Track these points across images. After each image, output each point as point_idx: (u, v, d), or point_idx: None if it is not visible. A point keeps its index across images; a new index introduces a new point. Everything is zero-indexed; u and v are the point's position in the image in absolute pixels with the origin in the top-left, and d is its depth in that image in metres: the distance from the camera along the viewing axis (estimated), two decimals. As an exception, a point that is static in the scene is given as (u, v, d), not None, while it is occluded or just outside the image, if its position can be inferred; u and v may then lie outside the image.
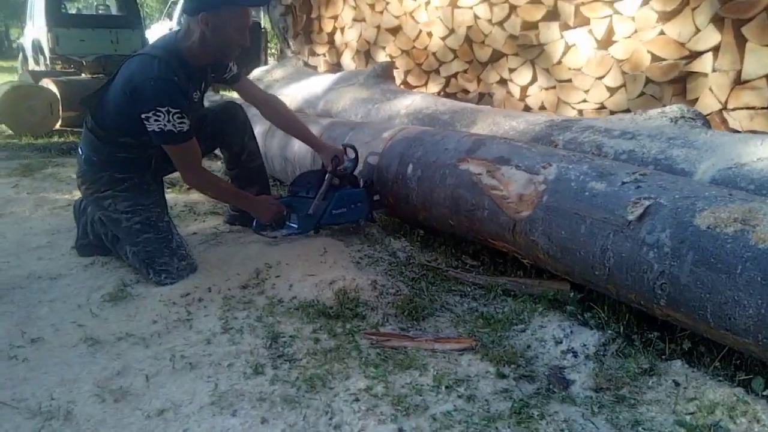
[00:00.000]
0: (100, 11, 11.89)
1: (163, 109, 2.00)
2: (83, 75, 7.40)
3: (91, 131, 2.21)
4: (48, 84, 5.92)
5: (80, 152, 2.30)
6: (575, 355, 1.65)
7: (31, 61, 11.06)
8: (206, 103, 2.58)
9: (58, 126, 5.84)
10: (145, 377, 1.58)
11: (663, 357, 1.61)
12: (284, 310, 1.94)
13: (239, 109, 2.59)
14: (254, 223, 2.45)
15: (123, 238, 2.25)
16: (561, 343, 1.71)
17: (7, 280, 2.20)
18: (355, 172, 2.53)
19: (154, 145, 2.13)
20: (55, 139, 5.44)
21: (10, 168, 4.07)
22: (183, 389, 1.53)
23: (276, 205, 2.41)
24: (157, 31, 14.14)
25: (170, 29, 13.11)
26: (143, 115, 2.02)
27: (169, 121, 2.02)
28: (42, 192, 3.45)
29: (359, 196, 2.48)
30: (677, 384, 1.49)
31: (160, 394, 1.51)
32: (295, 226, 2.44)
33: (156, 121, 2.01)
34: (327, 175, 2.41)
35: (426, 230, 2.53)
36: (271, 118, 2.57)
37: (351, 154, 2.48)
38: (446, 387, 1.51)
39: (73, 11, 12.64)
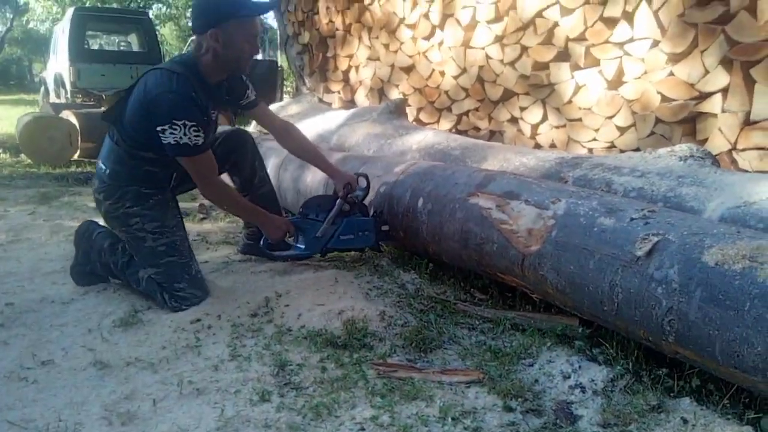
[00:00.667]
0: (121, 47, 12.25)
1: (179, 123, 2.01)
2: (102, 108, 7.58)
3: (117, 144, 2.22)
4: (68, 116, 6.07)
5: (102, 167, 2.28)
6: (583, 390, 1.64)
7: (52, 94, 11.37)
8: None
9: (76, 156, 5.97)
10: (153, 401, 1.59)
11: (672, 394, 1.60)
12: (292, 338, 1.94)
13: (248, 136, 2.62)
14: (262, 241, 2.47)
15: (142, 259, 2.23)
16: (569, 378, 1.70)
17: (21, 304, 2.23)
18: (366, 201, 2.56)
19: (176, 160, 2.13)
20: (73, 168, 5.55)
21: (28, 196, 4.15)
22: (190, 414, 1.53)
23: (286, 224, 2.42)
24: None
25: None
26: (159, 128, 2.03)
27: (185, 134, 2.02)
28: (58, 219, 3.51)
29: (368, 225, 2.51)
30: (686, 421, 1.47)
31: (167, 419, 1.51)
32: (302, 247, 2.47)
33: (172, 134, 2.02)
34: (338, 201, 2.46)
35: (435, 263, 2.54)
36: (286, 145, 2.59)
37: (363, 183, 2.53)
38: (452, 419, 1.50)
39: (96, 47, 13.04)
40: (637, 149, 3.31)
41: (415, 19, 4.83)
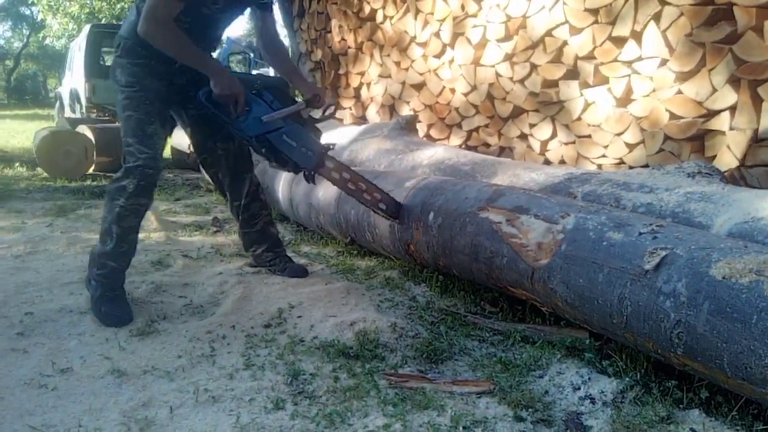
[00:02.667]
0: (136, 63, 12.41)
1: None
2: (117, 123, 7.69)
3: (136, 3, 2.29)
4: (84, 130, 6.18)
5: (129, 18, 2.34)
6: (593, 401, 1.66)
7: (67, 109, 11.53)
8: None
9: (91, 170, 6.06)
10: (170, 409, 1.62)
11: (681, 406, 1.61)
12: (305, 349, 1.98)
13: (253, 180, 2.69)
14: (201, 92, 2.27)
15: (116, 112, 2.35)
16: (579, 389, 1.72)
17: (40, 314, 2.28)
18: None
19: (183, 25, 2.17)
20: (89, 182, 5.64)
21: (45, 208, 4.22)
22: (206, 421, 1.57)
23: (238, 86, 2.24)
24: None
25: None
26: None
27: None
28: (75, 231, 3.57)
29: (316, 146, 2.34)
30: (695, 433, 1.49)
31: (184, 426, 1.55)
32: (241, 121, 2.27)
33: None
34: (299, 101, 2.33)
35: (446, 276, 2.57)
36: (267, 57, 2.59)
37: (331, 110, 2.43)
38: (464, 428, 1.52)
39: (111, 63, 13.23)
40: (646, 165, 3.34)
41: (426, 37, 4.90)
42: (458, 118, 4.78)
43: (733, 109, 2.97)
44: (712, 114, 3.08)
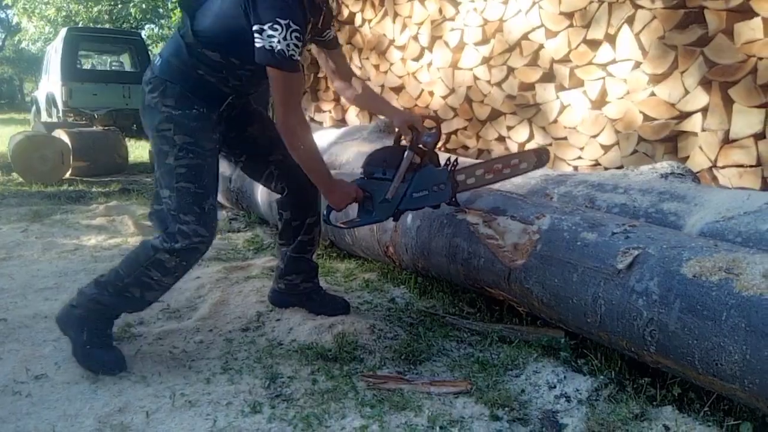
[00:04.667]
0: (113, 67, 12.31)
1: (283, 22, 1.72)
2: (95, 127, 7.61)
3: (182, 35, 1.90)
4: (60, 135, 6.10)
5: (158, 57, 1.97)
6: (568, 399, 1.68)
7: (44, 113, 11.38)
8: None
9: (68, 175, 5.99)
10: (146, 414, 1.61)
11: (654, 403, 1.64)
12: (283, 352, 1.98)
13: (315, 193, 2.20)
14: (325, 209, 2.13)
15: (160, 178, 1.92)
16: (554, 388, 1.74)
17: (14, 320, 2.24)
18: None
19: (238, 74, 1.90)
20: (65, 187, 5.56)
21: (20, 214, 4.16)
22: (182, 426, 1.56)
23: (353, 189, 2.07)
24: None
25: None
26: (257, 27, 1.73)
27: (285, 38, 1.72)
28: (50, 237, 3.53)
29: (442, 176, 2.12)
30: (667, 429, 1.52)
31: (160, 430, 1.54)
32: (372, 213, 2.12)
33: (270, 36, 1.72)
34: (406, 152, 2.07)
35: (425, 278, 2.58)
36: (348, 97, 2.30)
37: (431, 127, 2.17)
38: (440, 428, 1.53)
39: (88, 66, 13.08)
40: (621, 167, 3.39)
41: (404, 41, 4.93)
42: (437, 120, 4.80)
43: (704, 110, 3.03)
44: (685, 116, 3.13)
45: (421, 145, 2.08)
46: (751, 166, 2.88)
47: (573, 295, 1.82)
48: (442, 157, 2.23)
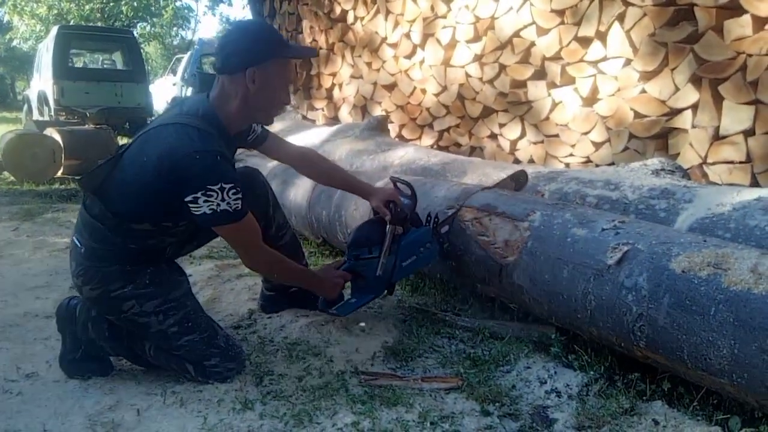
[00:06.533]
0: (105, 65, 12.26)
1: (215, 187, 1.62)
2: (87, 126, 7.58)
3: (96, 218, 1.76)
4: (52, 133, 6.08)
5: (77, 244, 1.82)
6: (559, 395, 1.69)
7: (35, 111, 11.31)
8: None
9: (59, 174, 5.96)
10: (137, 412, 1.61)
11: (644, 397, 1.65)
12: (275, 349, 1.98)
13: (258, 176, 2.17)
14: (320, 302, 2.14)
15: (157, 344, 1.82)
16: (545, 383, 1.75)
17: (5, 318, 2.24)
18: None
19: (173, 232, 1.80)
20: (57, 186, 5.55)
21: (11, 212, 4.15)
22: (173, 423, 1.56)
23: (341, 277, 2.08)
24: (160, 85, 14.53)
25: (173, 84, 13.49)
26: (190, 197, 1.63)
27: (223, 199, 1.63)
28: (41, 235, 3.52)
29: (426, 236, 2.15)
30: (657, 423, 1.53)
31: (151, 428, 1.54)
32: (366, 291, 2.15)
33: (207, 201, 1.63)
34: (387, 227, 2.07)
35: (416, 274, 2.59)
36: (309, 174, 2.28)
37: (406, 191, 2.18)
38: (431, 423, 1.54)
39: (80, 65, 13.03)
40: (612, 164, 3.40)
41: (396, 38, 4.92)
42: (429, 118, 4.81)
43: (695, 107, 3.05)
44: (675, 112, 3.15)
45: (399, 216, 2.07)
46: (740, 163, 2.90)
47: (563, 291, 1.82)
48: (422, 212, 2.22)
